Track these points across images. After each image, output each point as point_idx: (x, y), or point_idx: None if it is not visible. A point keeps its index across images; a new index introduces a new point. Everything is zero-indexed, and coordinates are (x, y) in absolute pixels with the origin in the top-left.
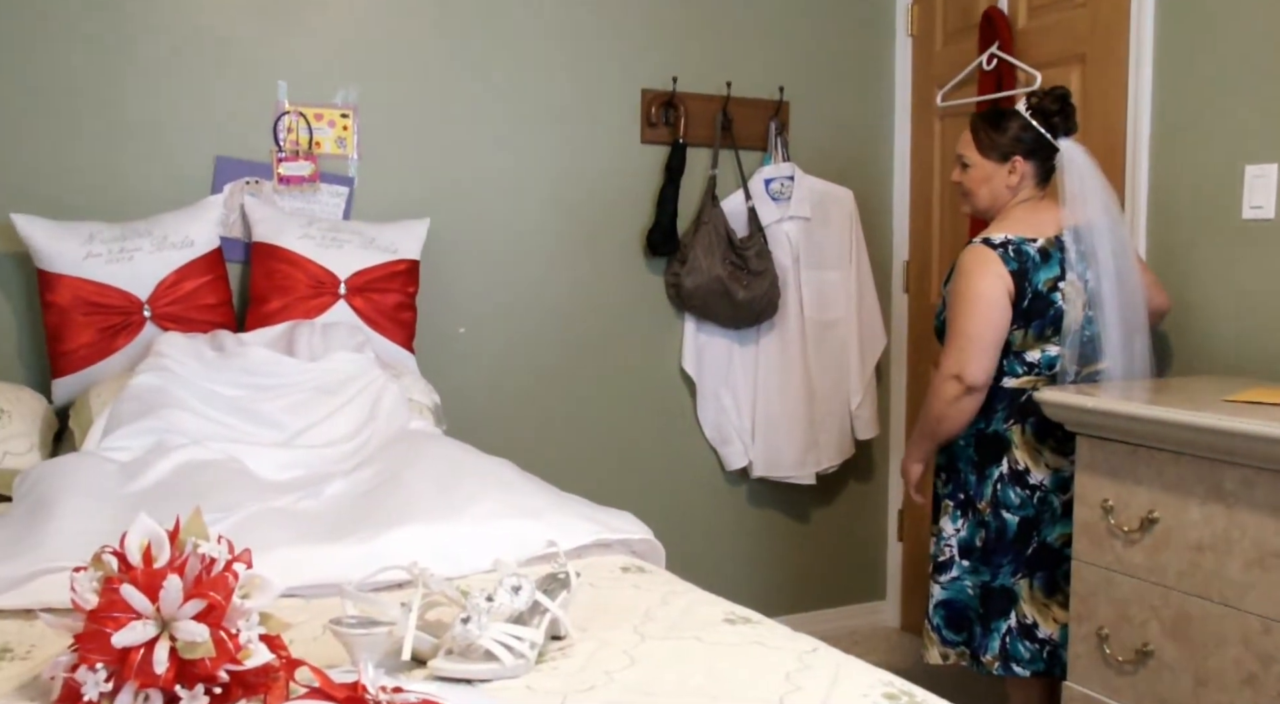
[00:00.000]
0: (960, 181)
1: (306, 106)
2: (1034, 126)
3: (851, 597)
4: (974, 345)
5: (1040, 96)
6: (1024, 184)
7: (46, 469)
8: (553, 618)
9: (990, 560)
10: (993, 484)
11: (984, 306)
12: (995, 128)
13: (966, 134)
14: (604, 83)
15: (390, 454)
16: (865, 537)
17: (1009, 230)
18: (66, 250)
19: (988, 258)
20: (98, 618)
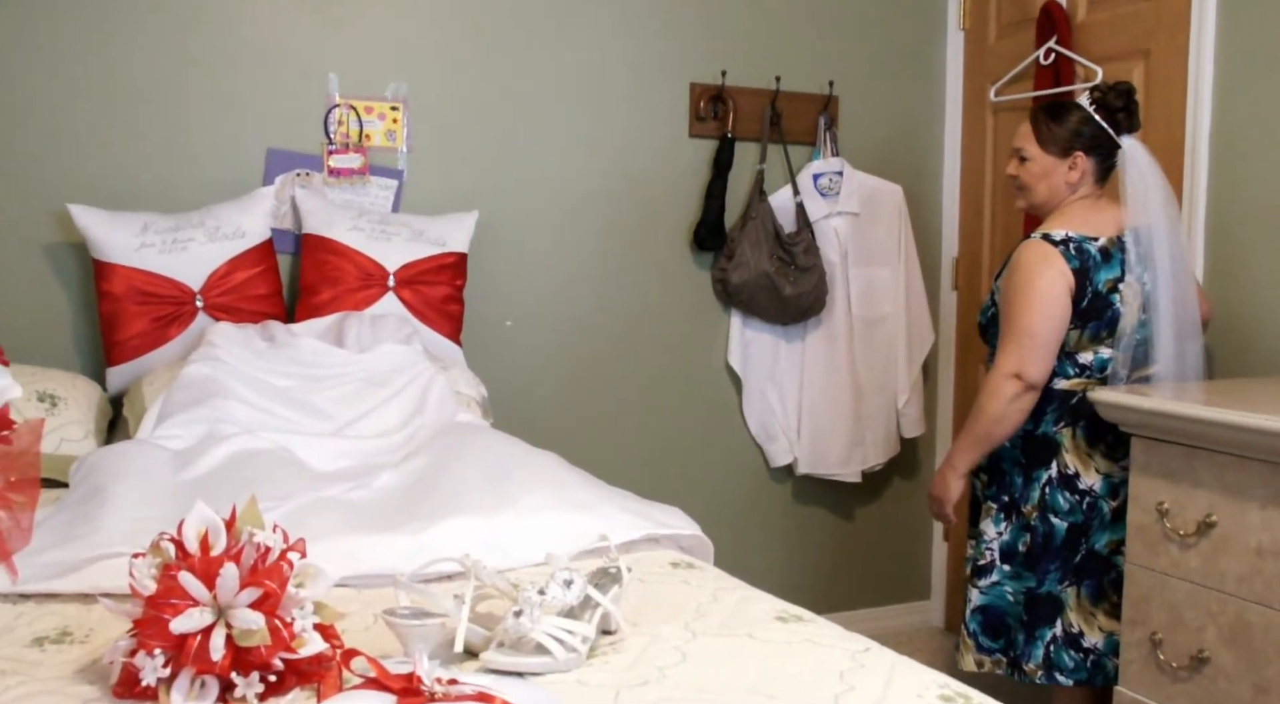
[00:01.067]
0: (1017, 175)
1: (357, 100)
2: (1097, 121)
3: (895, 596)
4: (1035, 343)
5: (1104, 91)
6: (1084, 181)
7: (102, 456)
8: (604, 612)
9: (1036, 566)
10: (1040, 487)
11: (1047, 303)
12: (1057, 121)
13: (1025, 126)
14: (652, 76)
15: (439, 446)
16: (910, 536)
17: (1070, 227)
18: (121, 240)
19: (1050, 254)
20: (156, 604)
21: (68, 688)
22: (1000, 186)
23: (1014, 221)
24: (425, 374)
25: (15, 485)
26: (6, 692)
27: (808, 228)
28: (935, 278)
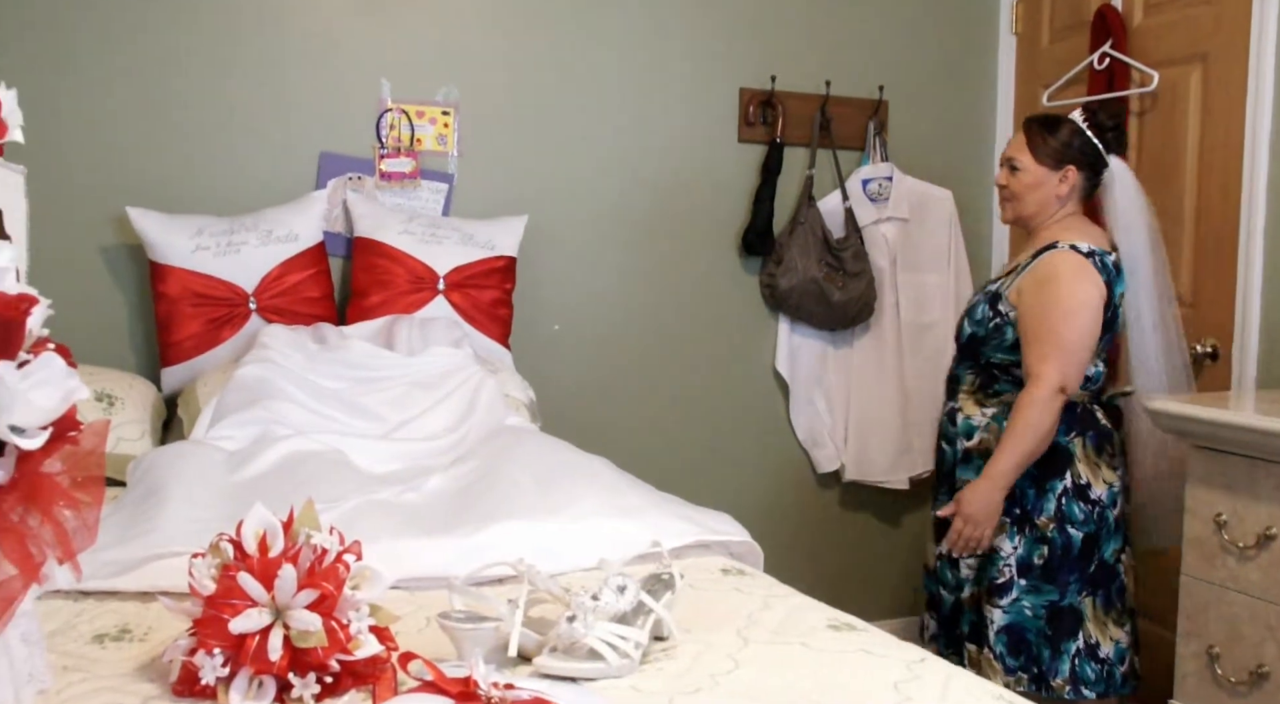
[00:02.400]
0: (1007, 185)
1: (408, 104)
2: (1089, 137)
3: None
4: (1078, 355)
5: (1095, 110)
6: (1071, 196)
7: (159, 456)
8: (657, 619)
9: (1056, 579)
10: (1056, 499)
11: (1088, 315)
12: (1052, 133)
13: (1019, 136)
14: (702, 82)
15: (489, 449)
16: None
17: (1085, 240)
18: (177, 243)
19: (1085, 265)
20: (215, 604)
21: (128, 685)
22: None
23: None
24: (475, 377)
25: (81, 485)
26: (69, 688)
27: (856, 233)
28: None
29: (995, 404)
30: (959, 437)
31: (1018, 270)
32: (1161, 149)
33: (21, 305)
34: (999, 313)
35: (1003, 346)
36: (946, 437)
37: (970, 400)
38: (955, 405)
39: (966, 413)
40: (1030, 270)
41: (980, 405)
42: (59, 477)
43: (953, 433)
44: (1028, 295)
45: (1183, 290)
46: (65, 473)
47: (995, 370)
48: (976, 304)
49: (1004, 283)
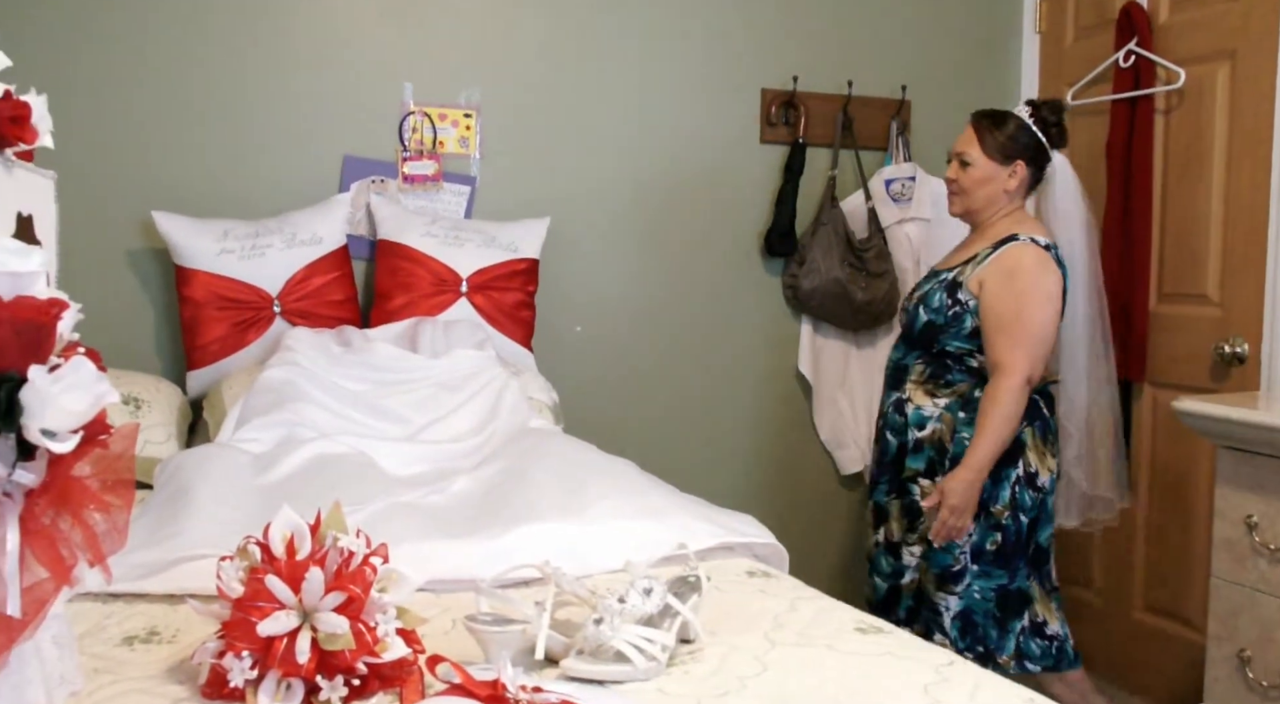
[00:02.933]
0: (956, 179)
1: (431, 107)
2: (1034, 132)
3: None
4: (1044, 346)
5: (1040, 105)
6: (1019, 190)
7: (185, 459)
8: (683, 621)
9: (1009, 563)
10: (1011, 487)
11: (1052, 307)
12: (1000, 128)
13: (968, 132)
14: (724, 83)
15: (513, 451)
16: None
17: (1038, 234)
18: (202, 247)
19: (1047, 259)
20: (244, 607)
21: (157, 687)
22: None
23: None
24: (498, 379)
25: (111, 488)
26: (99, 690)
27: (879, 233)
28: None
29: (947, 394)
30: (910, 427)
31: (976, 260)
32: (1188, 147)
33: (52, 310)
34: (958, 301)
35: (960, 335)
36: (893, 427)
37: (919, 390)
38: (902, 395)
39: (916, 403)
40: (994, 261)
41: (931, 395)
42: (89, 480)
43: (900, 423)
44: (993, 285)
45: (1210, 290)
46: (95, 476)
47: (949, 359)
48: (931, 292)
49: (961, 272)
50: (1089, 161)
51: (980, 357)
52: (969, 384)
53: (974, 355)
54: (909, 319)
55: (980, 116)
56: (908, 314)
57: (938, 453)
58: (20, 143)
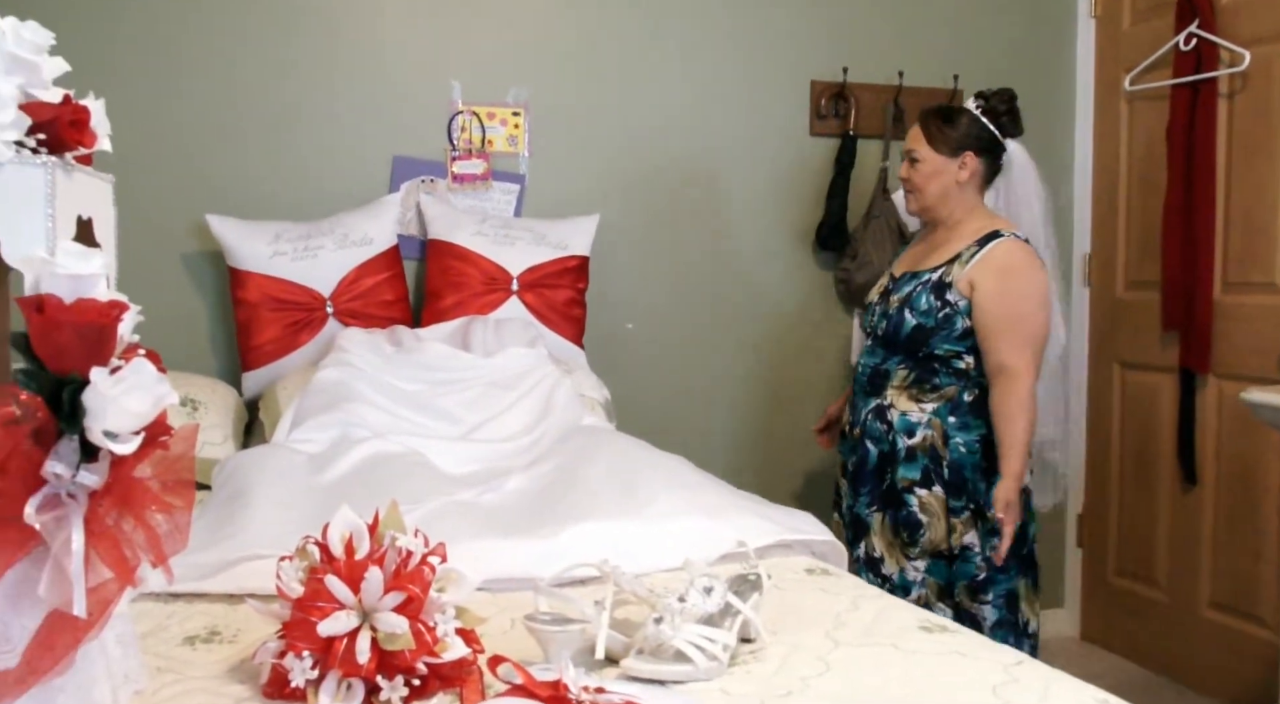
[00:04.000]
0: (908, 177)
1: (479, 106)
2: (984, 123)
3: None
4: (1044, 345)
5: (989, 96)
6: (972, 181)
7: (242, 459)
8: (744, 620)
9: (1005, 566)
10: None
11: (1048, 305)
12: (946, 122)
13: (916, 129)
14: (773, 75)
15: (567, 450)
16: (1042, 541)
17: (1014, 229)
18: (255, 249)
19: (1034, 254)
20: (304, 607)
21: (220, 687)
22: (1135, 178)
23: (1151, 214)
24: (550, 377)
25: (172, 489)
26: (163, 689)
27: None
28: (1066, 275)
29: (934, 398)
30: (897, 434)
31: (961, 259)
32: (1253, 131)
33: (113, 312)
34: (948, 303)
35: (951, 337)
36: (873, 435)
37: (904, 396)
38: (883, 402)
39: (901, 409)
40: (983, 260)
41: (917, 401)
42: (150, 481)
43: (881, 431)
44: (988, 285)
45: (1276, 277)
46: (156, 477)
47: (935, 362)
48: (916, 295)
49: (946, 271)
50: (1148, 148)
51: (968, 358)
52: (956, 387)
53: (962, 357)
54: (891, 323)
55: (927, 112)
56: (888, 318)
57: (932, 460)
58: (80, 146)
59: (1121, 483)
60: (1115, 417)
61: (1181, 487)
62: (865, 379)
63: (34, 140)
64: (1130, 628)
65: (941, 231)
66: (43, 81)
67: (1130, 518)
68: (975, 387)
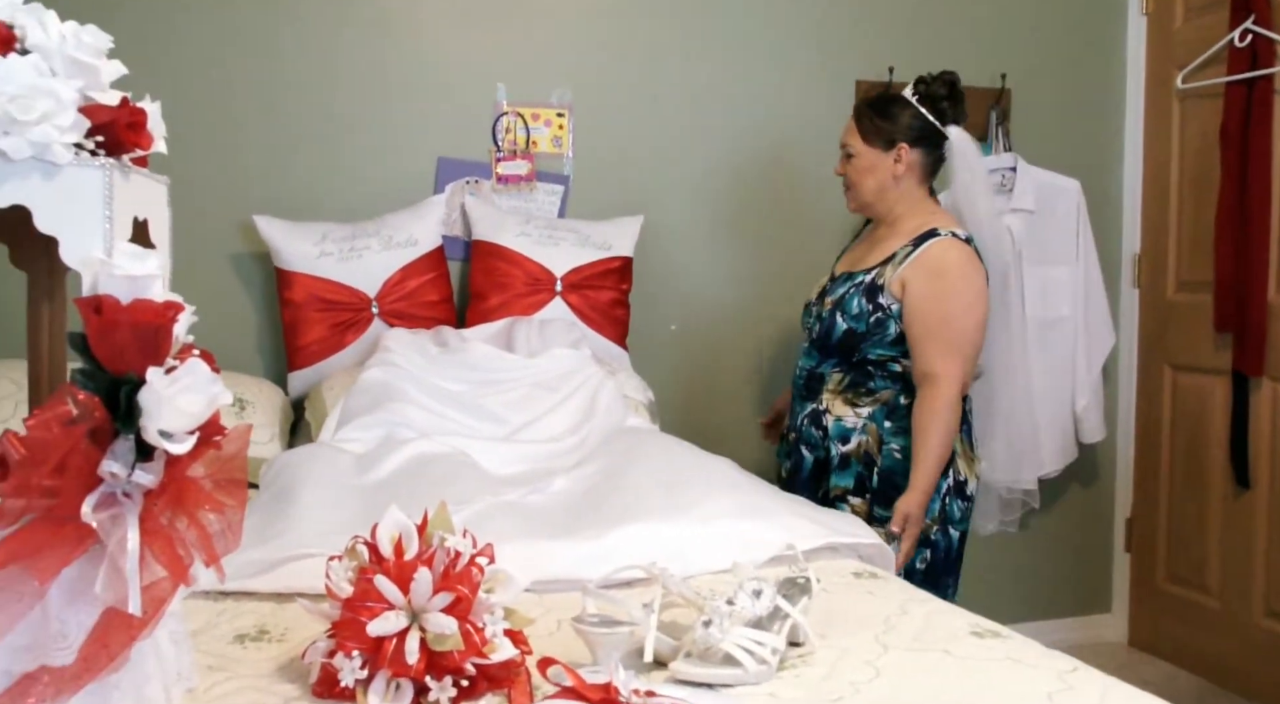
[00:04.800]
0: (845, 173)
1: (523, 107)
2: (921, 113)
3: (1074, 609)
4: (975, 351)
5: (928, 82)
6: (909, 174)
7: (289, 459)
8: (793, 624)
9: (937, 584)
10: (941, 499)
11: (982, 307)
12: (880, 114)
13: (850, 122)
14: (818, 75)
15: (612, 451)
16: (1090, 546)
17: (955, 227)
18: (302, 250)
19: (972, 255)
20: (353, 607)
21: (270, 685)
22: (1187, 178)
23: (1203, 214)
24: (594, 378)
25: (224, 488)
26: (214, 687)
27: None
28: (1115, 276)
29: (869, 403)
30: (832, 440)
31: (895, 259)
32: None
33: (169, 312)
34: (880, 307)
35: (884, 342)
36: (809, 441)
37: (839, 400)
38: (819, 406)
39: (836, 414)
40: (916, 260)
41: (852, 405)
42: (203, 480)
43: (817, 437)
44: (918, 287)
45: None
46: (209, 477)
47: (870, 366)
48: (848, 297)
49: (879, 273)
50: (1201, 147)
51: (905, 362)
52: (893, 391)
53: (898, 361)
54: (824, 327)
55: (861, 105)
56: (821, 321)
57: (865, 467)
58: (137, 148)
59: (1171, 487)
60: (1165, 420)
61: (1234, 491)
62: (801, 383)
63: (92, 142)
64: (1181, 635)
65: (883, 228)
66: (101, 84)
67: (1180, 522)
68: (912, 391)
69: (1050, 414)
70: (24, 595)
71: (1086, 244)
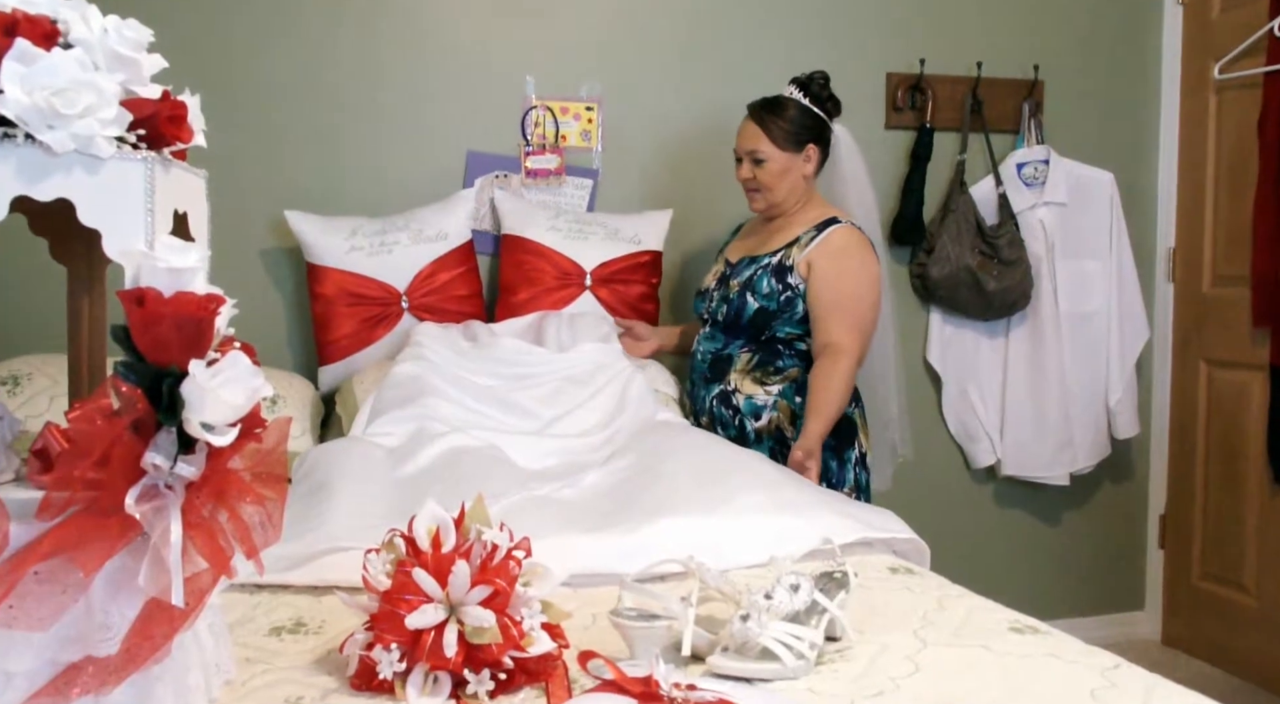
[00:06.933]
0: (753, 177)
1: (552, 101)
2: (813, 111)
3: (1106, 606)
4: (873, 326)
5: (807, 81)
6: (814, 172)
7: (322, 453)
8: (830, 618)
9: None
10: (853, 468)
11: (879, 291)
12: (782, 117)
13: (751, 127)
14: (848, 68)
15: (644, 445)
16: (1122, 542)
17: (850, 219)
18: (332, 244)
19: (867, 241)
20: (391, 599)
21: (307, 678)
22: (1223, 171)
23: (1240, 207)
24: (625, 372)
25: (264, 481)
26: (252, 679)
27: (1011, 220)
28: (1149, 270)
29: (779, 380)
30: (744, 417)
31: (799, 243)
32: None
33: (210, 305)
34: (789, 286)
35: (793, 320)
36: (721, 421)
37: (747, 379)
38: (727, 387)
39: (746, 392)
40: (821, 244)
41: (761, 384)
42: (243, 473)
43: (728, 416)
44: (824, 266)
45: None
46: (249, 469)
47: (779, 345)
48: (757, 278)
49: (786, 254)
50: (1238, 139)
51: (810, 340)
52: (799, 368)
53: (803, 339)
54: (733, 308)
55: (758, 108)
56: (729, 303)
57: (778, 442)
58: (177, 142)
59: (1206, 483)
60: (1200, 415)
61: (1271, 488)
62: (706, 366)
63: (134, 136)
64: (1216, 633)
65: (778, 220)
66: (142, 78)
67: (1216, 519)
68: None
69: (1083, 409)
70: (69, 587)
71: (1120, 237)
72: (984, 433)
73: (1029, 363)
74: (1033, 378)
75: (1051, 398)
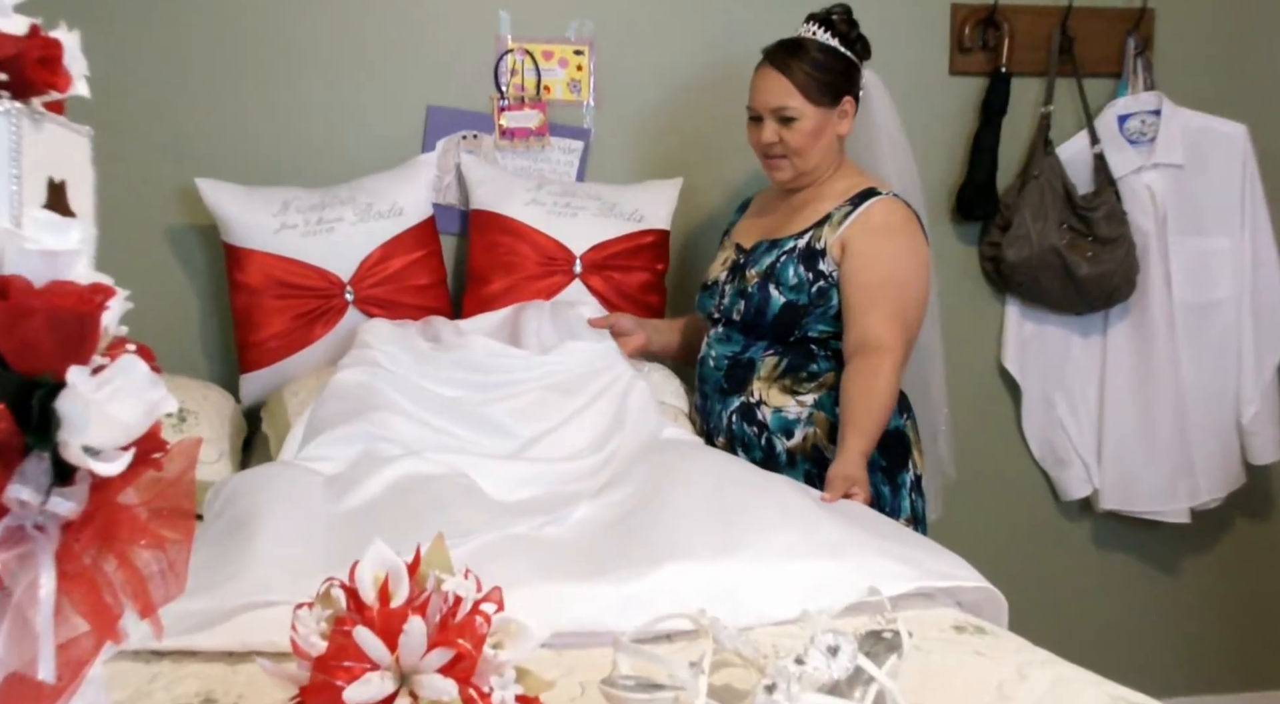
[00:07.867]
0: (778, 141)
1: (533, 43)
2: (844, 53)
3: (1239, 682)
4: (920, 320)
5: (828, 17)
6: (847, 130)
7: (242, 482)
8: (879, 689)
9: None
10: (908, 494)
11: (927, 273)
12: (812, 64)
13: (775, 81)
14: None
15: (646, 469)
16: (1265, 596)
17: (890, 189)
18: (257, 221)
19: (914, 217)
20: (326, 667)
21: None
22: None
23: None
24: (623, 379)
25: (166, 519)
26: None
27: (1111, 187)
28: None
29: (813, 388)
30: (773, 436)
31: (830, 221)
32: None
33: (96, 298)
34: (821, 274)
35: (827, 316)
36: (743, 441)
37: (774, 389)
38: (749, 400)
39: (774, 405)
40: (858, 219)
41: (792, 393)
42: (139, 509)
43: (753, 435)
44: (862, 247)
45: None
46: (146, 505)
47: (811, 346)
48: (781, 267)
49: (814, 236)
50: None
51: None
52: (836, 372)
53: (838, 338)
54: (753, 304)
55: (781, 53)
56: (748, 298)
57: (815, 464)
58: (51, 90)
59: None
60: None
61: None
62: (722, 375)
63: None
64: None
65: (803, 194)
66: (2, 8)
67: None
68: None
69: (1207, 426)
70: None
71: (1255, 208)
72: (1076, 456)
73: (1134, 367)
74: (1139, 386)
75: (1164, 412)
